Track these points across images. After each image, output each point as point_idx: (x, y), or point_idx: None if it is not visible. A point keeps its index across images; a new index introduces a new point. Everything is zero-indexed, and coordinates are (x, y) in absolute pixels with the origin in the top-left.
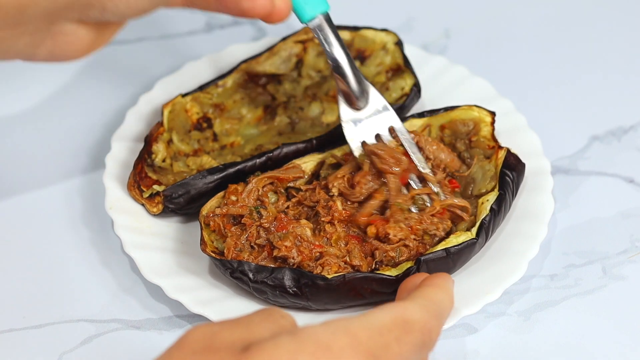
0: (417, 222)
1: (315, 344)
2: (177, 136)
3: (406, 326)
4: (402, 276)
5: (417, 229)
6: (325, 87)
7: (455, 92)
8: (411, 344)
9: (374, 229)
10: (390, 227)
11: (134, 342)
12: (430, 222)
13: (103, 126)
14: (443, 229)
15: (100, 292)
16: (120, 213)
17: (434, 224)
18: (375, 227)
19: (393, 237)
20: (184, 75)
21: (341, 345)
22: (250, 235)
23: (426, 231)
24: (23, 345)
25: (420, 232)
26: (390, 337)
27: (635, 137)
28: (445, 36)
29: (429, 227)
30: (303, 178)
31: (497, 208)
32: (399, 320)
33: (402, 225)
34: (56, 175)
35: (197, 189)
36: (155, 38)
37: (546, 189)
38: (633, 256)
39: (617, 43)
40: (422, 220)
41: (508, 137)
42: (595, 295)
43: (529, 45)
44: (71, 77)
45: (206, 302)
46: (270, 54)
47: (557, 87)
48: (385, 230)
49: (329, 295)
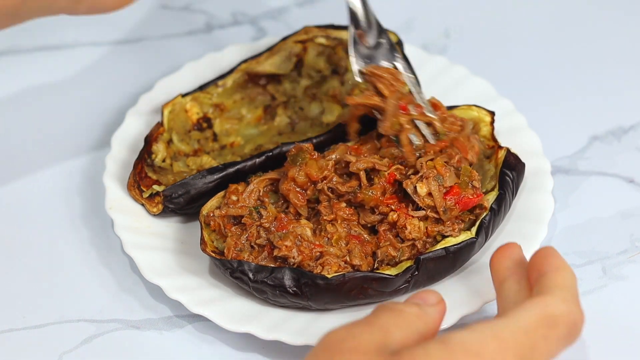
0: (433, 225)
1: (465, 352)
2: (177, 136)
3: (551, 322)
4: (401, 275)
5: (433, 231)
6: (325, 87)
7: (455, 92)
8: (557, 338)
9: (396, 216)
10: (410, 223)
11: (134, 342)
12: (447, 220)
13: (103, 126)
14: (459, 230)
15: (100, 292)
16: (120, 213)
17: (450, 225)
18: (398, 215)
19: (408, 234)
20: (184, 75)
21: (490, 351)
22: (251, 235)
23: (441, 232)
24: (23, 345)
25: (435, 233)
26: (537, 336)
27: (635, 137)
28: (445, 36)
29: (444, 228)
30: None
31: (497, 207)
32: (544, 318)
33: (420, 226)
34: (56, 175)
35: (197, 189)
36: (155, 38)
37: (546, 189)
38: (633, 256)
39: (617, 43)
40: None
41: (508, 137)
42: (595, 295)
43: (529, 45)
44: (71, 76)
45: (206, 302)
46: (270, 54)
47: (557, 87)
48: (405, 222)
49: (329, 295)
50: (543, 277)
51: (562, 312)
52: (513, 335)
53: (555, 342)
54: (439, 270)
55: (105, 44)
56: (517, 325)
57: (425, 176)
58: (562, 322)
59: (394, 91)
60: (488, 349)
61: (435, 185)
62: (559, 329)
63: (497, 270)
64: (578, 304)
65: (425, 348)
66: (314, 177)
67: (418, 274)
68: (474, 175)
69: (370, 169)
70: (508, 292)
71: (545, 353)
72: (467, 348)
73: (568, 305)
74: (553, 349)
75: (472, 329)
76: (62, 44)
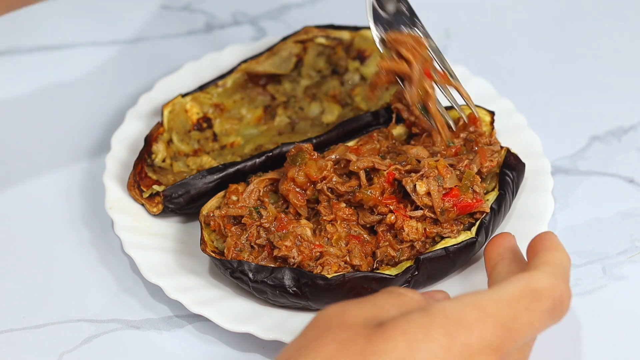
0: (432, 227)
1: (446, 319)
2: (177, 136)
3: (534, 295)
4: (401, 275)
5: (432, 232)
6: (325, 87)
7: (456, 92)
8: (541, 311)
9: (394, 217)
10: (408, 225)
11: (134, 342)
12: (445, 222)
13: (103, 126)
14: (457, 232)
15: (100, 292)
16: (120, 213)
17: (449, 227)
18: (396, 217)
19: (405, 236)
20: (184, 75)
21: (471, 318)
22: (250, 235)
23: (439, 234)
24: (23, 345)
25: (434, 234)
26: (519, 307)
27: (635, 137)
28: (445, 36)
29: (442, 230)
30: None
31: (497, 207)
32: (527, 290)
33: (418, 227)
34: (56, 175)
35: (196, 189)
36: (155, 38)
37: (546, 189)
38: (633, 256)
39: (617, 43)
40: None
41: (508, 137)
42: (595, 295)
43: (529, 45)
44: (71, 76)
45: (206, 302)
46: (270, 54)
47: (557, 87)
48: (402, 224)
49: (329, 295)
50: (535, 256)
51: (547, 285)
52: (495, 305)
53: (539, 315)
54: (439, 270)
55: (105, 44)
56: (499, 296)
57: (426, 175)
58: (547, 295)
59: (418, 56)
60: (469, 317)
61: (434, 185)
62: (542, 302)
63: (490, 256)
64: (566, 280)
65: (407, 316)
66: (313, 177)
67: (418, 274)
68: (476, 180)
69: (370, 169)
70: (497, 275)
71: (528, 324)
72: (448, 315)
73: (554, 279)
74: (536, 322)
75: (456, 299)
76: (62, 44)
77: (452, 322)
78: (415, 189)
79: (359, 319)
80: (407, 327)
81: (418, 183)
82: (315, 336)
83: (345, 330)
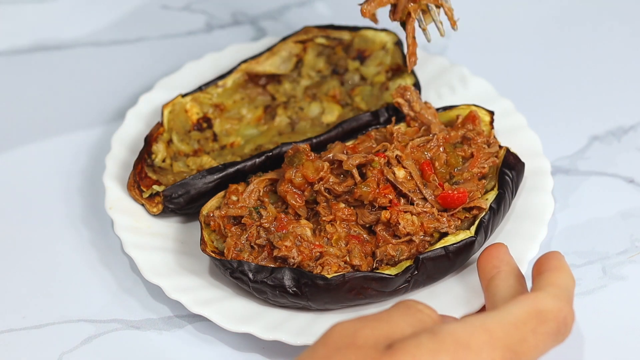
0: (429, 221)
1: (454, 343)
2: (177, 136)
3: (540, 317)
4: (401, 275)
5: (429, 227)
6: (325, 87)
7: (455, 92)
8: (547, 333)
9: (388, 214)
10: (403, 218)
11: (134, 342)
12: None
13: (103, 126)
14: (455, 227)
15: (100, 292)
16: (120, 213)
17: (446, 222)
18: (390, 212)
19: (402, 229)
20: (184, 75)
21: (479, 342)
22: (250, 235)
23: (437, 229)
24: (23, 345)
25: (431, 230)
26: (526, 330)
27: (635, 137)
28: (445, 36)
29: (440, 225)
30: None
31: (497, 207)
32: (533, 313)
33: (414, 220)
34: (56, 175)
35: (196, 189)
36: (155, 38)
37: (546, 189)
38: (633, 256)
39: (617, 43)
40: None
41: (508, 137)
42: (595, 295)
43: (529, 45)
44: (71, 77)
45: (206, 302)
46: (270, 54)
47: (557, 87)
48: (397, 218)
49: (329, 295)
50: (540, 276)
51: (552, 308)
52: (503, 328)
53: (544, 338)
54: (439, 270)
55: (105, 44)
56: (507, 319)
57: (401, 160)
58: (552, 318)
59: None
60: (477, 341)
61: (411, 165)
62: (548, 325)
63: (484, 269)
64: (570, 302)
65: (416, 340)
66: (310, 178)
67: (417, 274)
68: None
69: (362, 165)
70: (496, 290)
71: (534, 347)
72: (457, 339)
73: (559, 302)
74: (541, 344)
75: (463, 321)
76: (62, 44)
77: (461, 346)
78: (396, 176)
79: (370, 340)
80: (416, 351)
81: (396, 169)
82: (325, 356)
83: (355, 351)
